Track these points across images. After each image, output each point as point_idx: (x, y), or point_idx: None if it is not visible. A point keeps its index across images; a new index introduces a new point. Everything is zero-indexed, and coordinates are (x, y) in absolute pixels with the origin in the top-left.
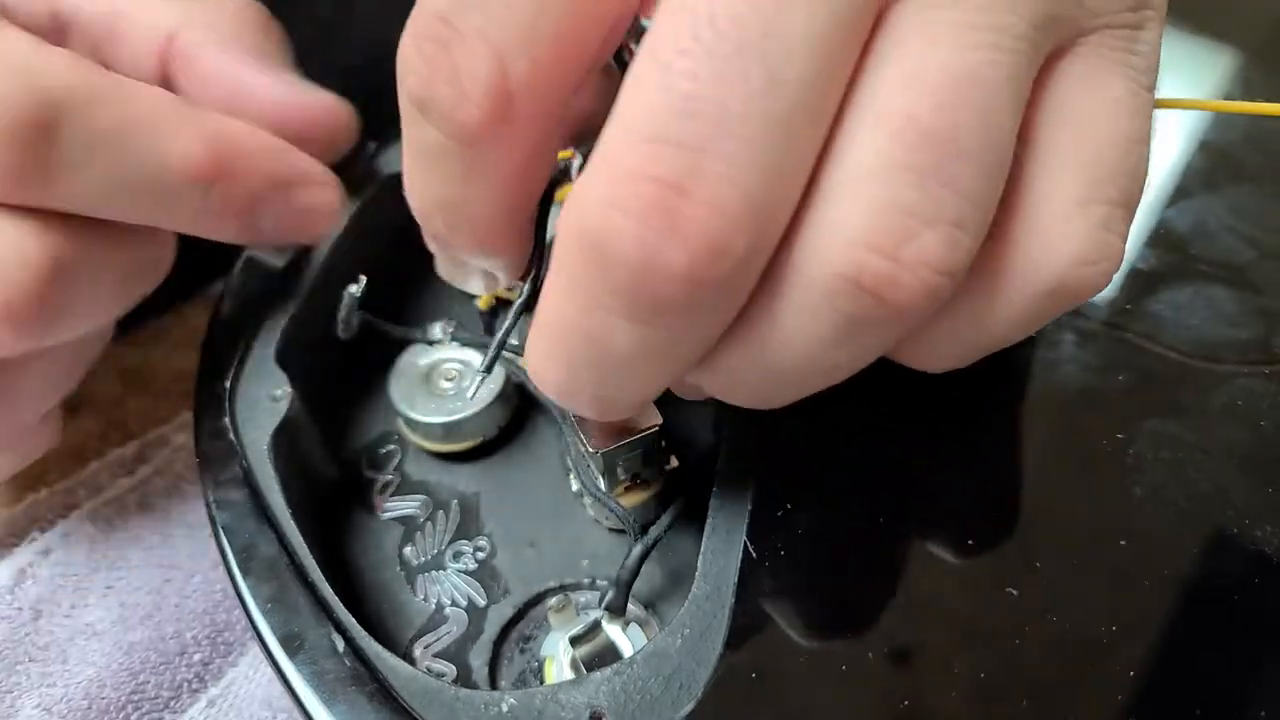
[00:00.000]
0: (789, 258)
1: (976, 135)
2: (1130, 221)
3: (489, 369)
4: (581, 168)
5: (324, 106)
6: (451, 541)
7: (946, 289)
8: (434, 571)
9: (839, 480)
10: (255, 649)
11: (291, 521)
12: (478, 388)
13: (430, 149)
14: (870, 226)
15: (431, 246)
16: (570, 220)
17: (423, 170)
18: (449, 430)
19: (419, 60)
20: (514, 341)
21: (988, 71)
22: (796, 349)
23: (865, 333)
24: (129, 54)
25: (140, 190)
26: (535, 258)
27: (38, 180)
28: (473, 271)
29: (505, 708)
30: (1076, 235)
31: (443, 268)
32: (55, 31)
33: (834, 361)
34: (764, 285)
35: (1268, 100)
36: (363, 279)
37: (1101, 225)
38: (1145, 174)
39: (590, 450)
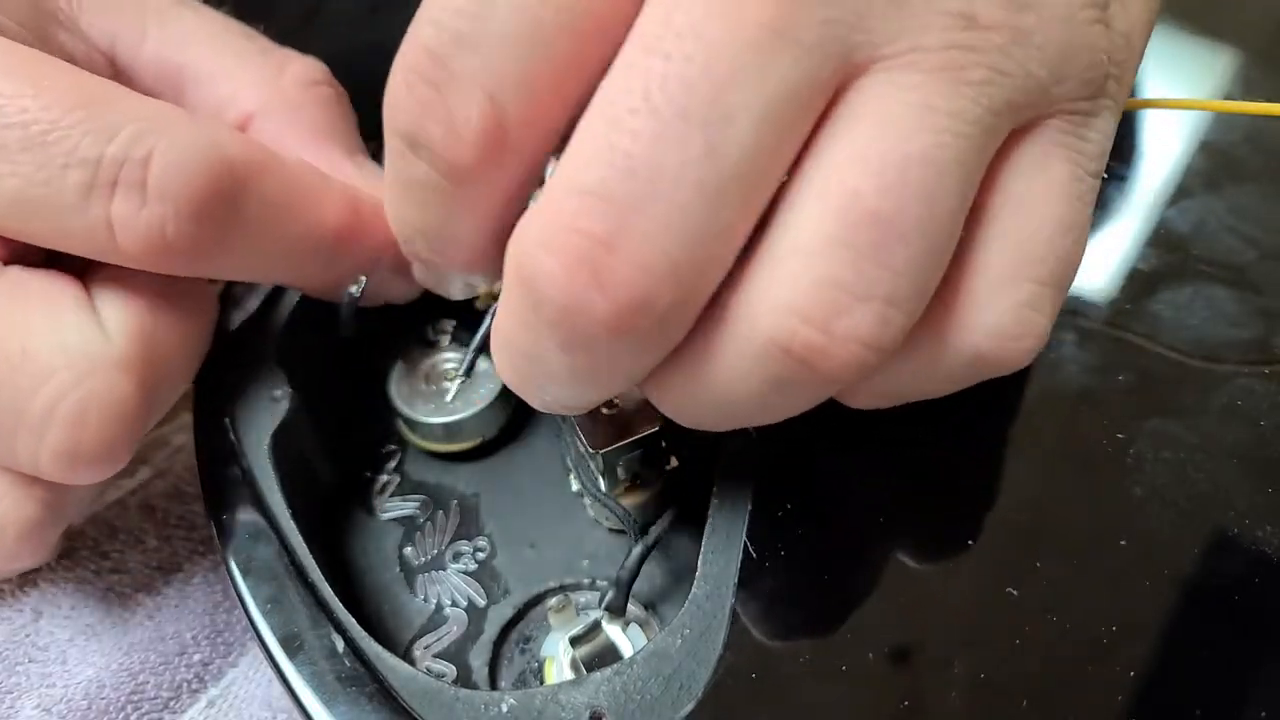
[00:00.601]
0: (727, 313)
1: (919, 218)
2: (1059, 303)
3: (468, 373)
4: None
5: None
6: (451, 542)
7: (874, 362)
8: (434, 572)
9: (838, 480)
10: (255, 649)
11: (291, 522)
12: (456, 392)
13: (417, 183)
14: (805, 298)
15: (411, 260)
16: (511, 250)
17: (408, 202)
18: (449, 430)
19: (410, 99)
20: None
21: (938, 155)
22: (729, 395)
23: (793, 392)
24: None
25: (297, 254)
26: None
27: (215, 249)
28: (453, 281)
29: (505, 708)
30: (1000, 310)
31: (420, 274)
32: (111, 79)
33: (766, 408)
34: (701, 331)
35: (1268, 100)
36: (363, 279)
37: (1026, 303)
38: (1079, 258)
39: (590, 451)
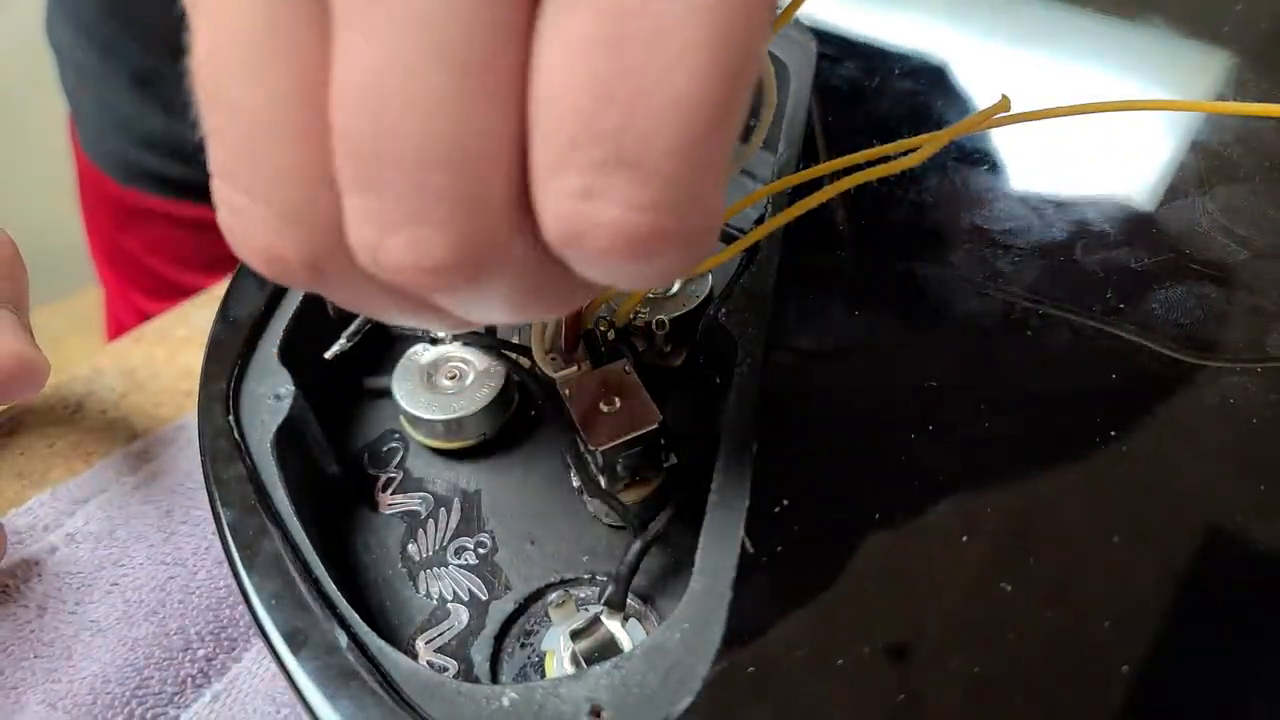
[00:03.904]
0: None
1: (392, 139)
2: (657, 183)
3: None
4: None
5: (18, 361)
6: (453, 538)
7: (457, 277)
8: (436, 567)
9: (836, 477)
10: (259, 644)
11: (295, 518)
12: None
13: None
14: (353, 235)
15: None
16: None
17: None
18: (450, 427)
19: None
20: (516, 341)
21: (384, 77)
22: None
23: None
24: None
25: None
26: None
27: None
28: None
29: (506, 702)
30: (554, 209)
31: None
32: None
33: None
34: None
35: (1260, 101)
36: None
37: (576, 194)
38: (662, 124)
39: (590, 447)
